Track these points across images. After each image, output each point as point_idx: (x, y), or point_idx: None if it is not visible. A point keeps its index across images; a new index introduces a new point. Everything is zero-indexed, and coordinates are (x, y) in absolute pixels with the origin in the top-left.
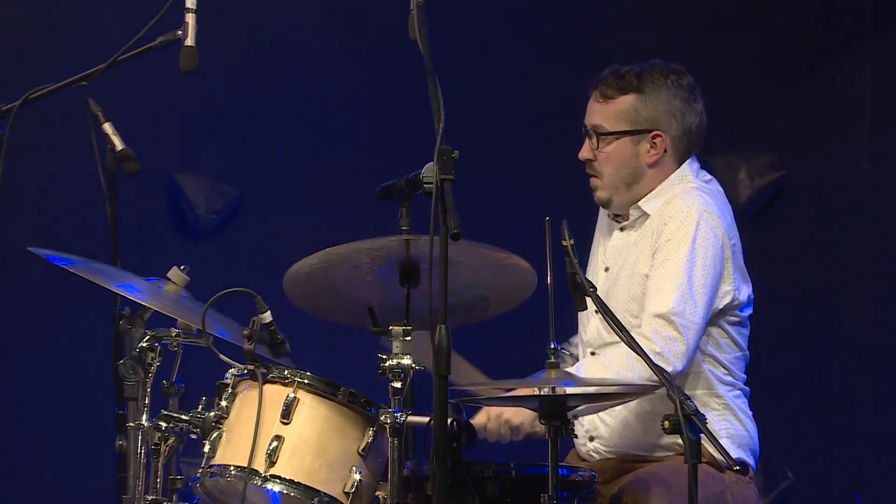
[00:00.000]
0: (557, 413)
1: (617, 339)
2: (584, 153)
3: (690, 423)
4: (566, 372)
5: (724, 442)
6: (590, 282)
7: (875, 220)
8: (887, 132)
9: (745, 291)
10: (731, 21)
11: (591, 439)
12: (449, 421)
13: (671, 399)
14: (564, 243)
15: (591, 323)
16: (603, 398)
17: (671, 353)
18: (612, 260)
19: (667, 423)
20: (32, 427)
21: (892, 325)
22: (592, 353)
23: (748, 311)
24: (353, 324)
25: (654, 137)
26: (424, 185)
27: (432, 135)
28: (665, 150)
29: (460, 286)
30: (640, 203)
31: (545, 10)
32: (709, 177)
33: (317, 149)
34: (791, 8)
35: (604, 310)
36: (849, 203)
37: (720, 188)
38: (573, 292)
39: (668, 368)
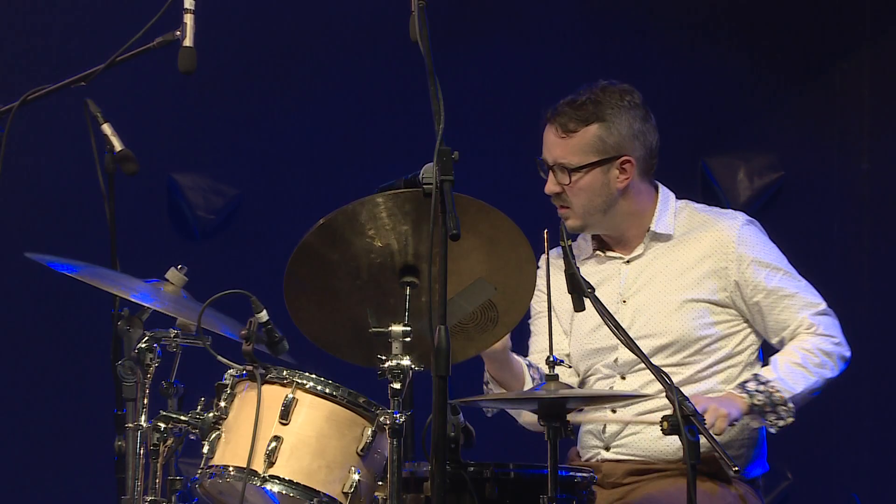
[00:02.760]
0: (557, 414)
1: (661, 361)
2: (551, 188)
3: (689, 424)
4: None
5: (752, 452)
6: (588, 282)
7: (874, 220)
8: (886, 133)
9: None
10: (730, 21)
11: (608, 448)
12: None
13: (670, 400)
14: (563, 244)
15: (621, 350)
16: (603, 401)
17: (844, 339)
18: (629, 292)
19: (665, 423)
20: (32, 427)
21: (891, 325)
22: (623, 378)
23: None
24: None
25: (622, 163)
26: (424, 186)
27: (432, 135)
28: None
29: (463, 285)
30: (653, 228)
31: (545, 10)
32: None
33: (316, 149)
34: (791, 8)
35: (604, 313)
36: (848, 203)
37: None
38: (571, 293)
39: (847, 353)
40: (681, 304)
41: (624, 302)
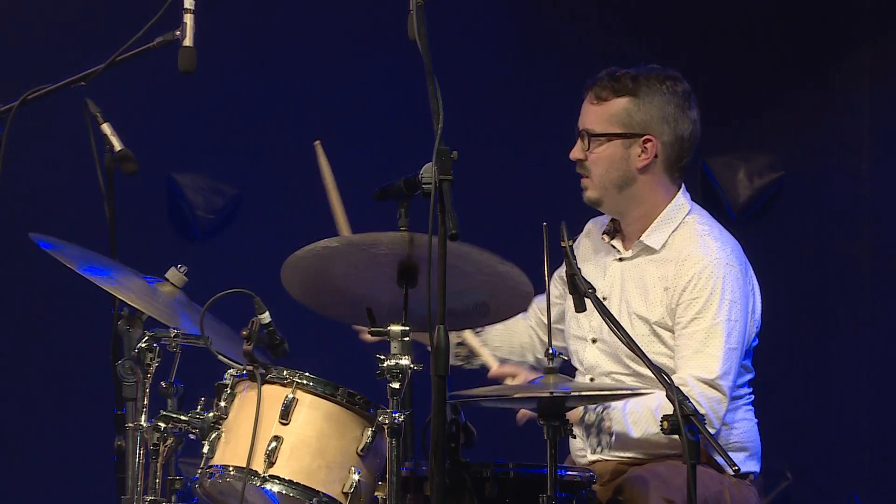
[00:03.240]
0: (556, 413)
1: (619, 370)
2: (575, 153)
3: (689, 424)
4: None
5: (738, 456)
6: (588, 283)
7: (874, 220)
8: (886, 132)
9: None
10: (730, 21)
11: (594, 451)
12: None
13: (670, 400)
14: (563, 244)
15: (588, 350)
16: (600, 398)
17: (715, 415)
18: (609, 290)
19: (665, 423)
20: (32, 427)
21: (891, 326)
22: (592, 381)
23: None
24: (351, 321)
25: (645, 142)
26: (423, 186)
27: (431, 135)
28: (656, 156)
29: (458, 290)
30: (642, 238)
31: (545, 11)
32: (698, 207)
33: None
34: (791, 8)
35: (604, 312)
36: (848, 203)
37: (714, 220)
38: (571, 293)
39: (710, 430)
40: (632, 318)
41: (604, 299)
